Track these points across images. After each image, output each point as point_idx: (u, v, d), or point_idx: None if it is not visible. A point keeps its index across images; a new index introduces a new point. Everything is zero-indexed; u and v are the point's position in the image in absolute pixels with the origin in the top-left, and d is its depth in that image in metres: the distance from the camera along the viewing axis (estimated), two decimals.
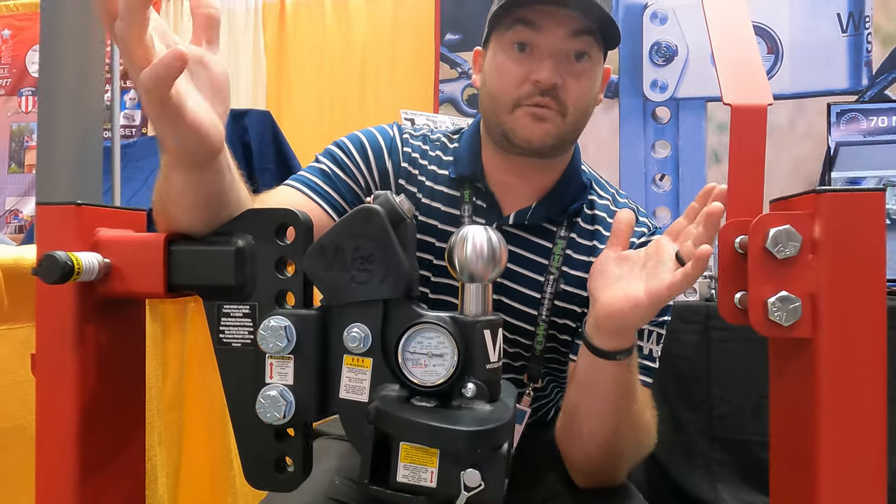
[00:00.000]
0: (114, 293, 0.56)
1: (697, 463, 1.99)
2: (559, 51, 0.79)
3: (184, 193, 0.53)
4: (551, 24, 0.78)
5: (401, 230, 0.53)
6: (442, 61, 2.72)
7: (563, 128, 0.80)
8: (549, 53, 0.78)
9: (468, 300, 0.52)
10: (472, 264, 0.51)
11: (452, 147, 0.90)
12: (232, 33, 3.14)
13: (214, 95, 0.50)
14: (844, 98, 2.32)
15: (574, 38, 0.78)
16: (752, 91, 0.55)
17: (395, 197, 0.53)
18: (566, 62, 0.79)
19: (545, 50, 0.78)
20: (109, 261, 0.56)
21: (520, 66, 0.79)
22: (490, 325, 0.51)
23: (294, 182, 0.84)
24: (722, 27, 0.56)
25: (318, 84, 2.94)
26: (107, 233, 0.57)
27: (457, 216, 0.86)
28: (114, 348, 0.59)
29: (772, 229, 0.45)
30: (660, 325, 0.86)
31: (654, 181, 2.49)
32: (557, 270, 0.85)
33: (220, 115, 0.51)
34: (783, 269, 0.45)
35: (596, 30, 0.79)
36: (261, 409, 0.53)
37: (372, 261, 0.52)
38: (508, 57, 0.80)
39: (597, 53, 0.81)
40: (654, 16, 2.51)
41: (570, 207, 0.86)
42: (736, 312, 0.55)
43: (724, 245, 0.55)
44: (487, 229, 0.53)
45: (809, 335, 0.45)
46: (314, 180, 0.84)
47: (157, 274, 0.55)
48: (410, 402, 0.50)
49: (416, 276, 0.54)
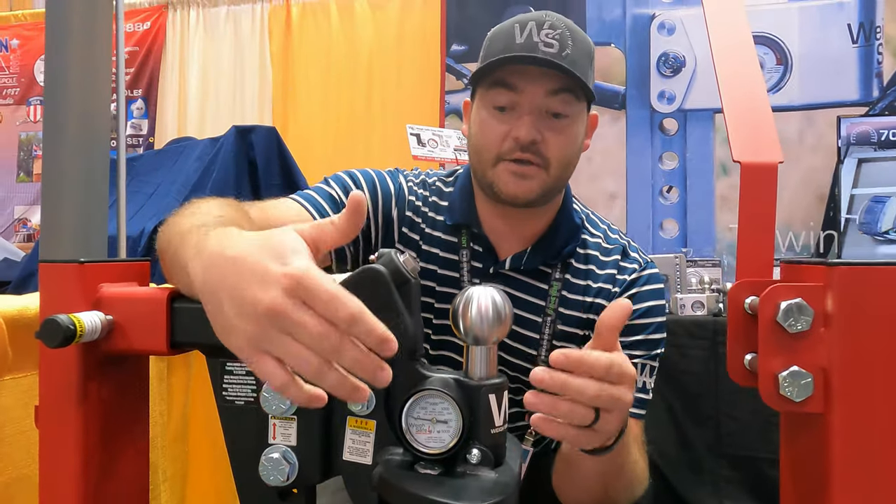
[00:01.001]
0: (116, 350, 0.56)
1: (705, 480, 1.97)
2: (538, 108, 0.80)
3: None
4: (529, 84, 0.79)
5: (405, 290, 0.52)
6: (448, 72, 2.71)
7: (547, 181, 0.82)
8: (528, 111, 0.80)
9: (473, 362, 0.51)
10: (478, 327, 0.51)
11: (448, 192, 0.91)
12: (238, 41, 3.15)
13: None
14: (854, 111, 2.30)
15: (552, 96, 0.80)
16: (762, 148, 0.54)
17: (398, 256, 0.53)
18: (545, 118, 0.80)
19: (524, 108, 0.80)
20: (112, 318, 0.56)
21: (501, 124, 0.81)
22: (495, 389, 0.51)
23: (301, 198, 0.84)
24: (732, 84, 0.55)
25: (323, 94, 2.94)
26: (110, 289, 0.57)
27: (455, 261, 0.87)
28: (117, 402, 0.59)
29: (783, 302, 0.44)
30: (653, 358, 0.86)
31: (662, 193, 2.48)
32: (554, 312, 0.86)
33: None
34: (794, 343, 0.45)
35: (574, 86, 0.80)
36: (264, 472, 0.52)
37: None
38: (490, 115, 0.82)
39: (578, 106, 0.82)
40: (662, 26, 2.50)
41: (563, 250, 0.87)
42: (745, 374, 0.54)
43: (734, 305, 0.54)
44: (491, 290, 0.52)
45: (821, 410, 0.44)
46: (321, 203, 0.84)
47: (160, 332, 0.55)
48: (414, 468, 0.49)
49: (421, 337, 0.54)
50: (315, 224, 0.47)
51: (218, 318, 0.45)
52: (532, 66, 0.78)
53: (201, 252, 0.48)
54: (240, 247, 0.45)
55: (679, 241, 2.44)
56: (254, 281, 0.43)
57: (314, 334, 0.41)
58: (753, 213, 0.54)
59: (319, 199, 0.84)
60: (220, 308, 0.45)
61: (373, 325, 0.42)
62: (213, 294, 0.45)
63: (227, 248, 0.46)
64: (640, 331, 0.84)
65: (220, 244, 0.47)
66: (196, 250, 0.49)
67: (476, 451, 0.49)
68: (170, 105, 3.24)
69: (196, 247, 0.49)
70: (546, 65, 0.77)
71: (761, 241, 0.53)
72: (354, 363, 0.42)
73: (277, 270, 0.42)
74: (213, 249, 0.47)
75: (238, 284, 0.43)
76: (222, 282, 0.44)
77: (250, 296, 0.42)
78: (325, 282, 0.42)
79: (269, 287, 0.42)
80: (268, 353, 0.43)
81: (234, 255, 0.44)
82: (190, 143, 2.20)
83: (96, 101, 1.40)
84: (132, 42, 3.24)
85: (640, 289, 0.86)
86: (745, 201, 0.54)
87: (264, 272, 0.42)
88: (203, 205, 0.62)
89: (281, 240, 0.44)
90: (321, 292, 0.41)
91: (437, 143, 2.04)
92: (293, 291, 0.42)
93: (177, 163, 2.14)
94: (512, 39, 0.79)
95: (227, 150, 1.82)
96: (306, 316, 0.41)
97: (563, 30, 0.79)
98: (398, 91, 2.81)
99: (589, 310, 0.86)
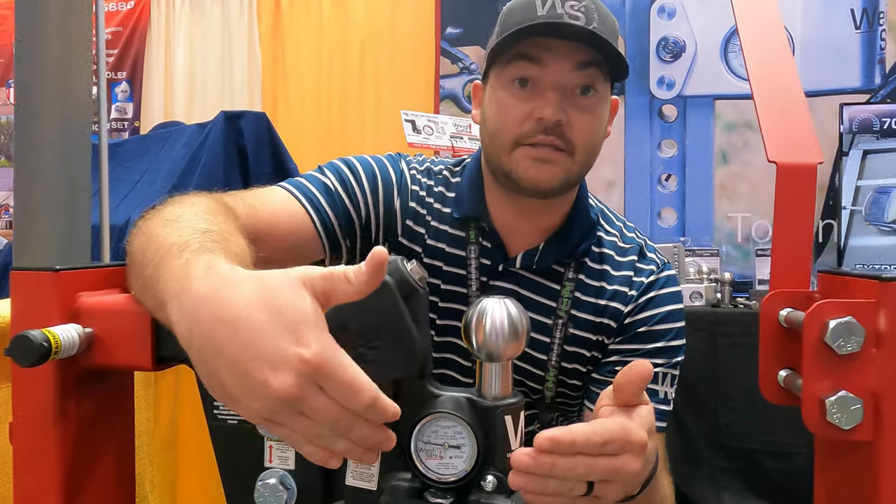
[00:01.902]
0: (96, 365, 0.51)
1: (702, 472, 1.96)
2: (563, 85, 0.73)
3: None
4: (554, 57, 0.72)
5: (412, 302, 0.48)
6: (443, 56, 2.64)
7: (572, 169, 0.75)
8: (552, 87, 0.72)
9: (486, 380, 0.48)
10: (492, 343, 0.47)
11: (455, 182, 0.84)
12: (226, 23, 3.06)
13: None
14: (855, 98, 2.26)
15: (579, 70, 0.72)
16: (800, 148, 0.50)
17: (405, 264, 0.48)
18: (571, 97, 0.73)
19: (548, 84, 0.72)
20: (92, 330, 0.51)
21: (521, 102, 0.74)
22: (512, 410, 0.47)
23: (291, 186, 0.77)
24: (765, 79, 0.50)
25: (315, 78, 2.86)
26: (89, 298, 0.52)
27: (462, 257, 0.82)
28: (98, 419, 0.54)
29: (831, 321, 0.40)
30: (674, 367, 0.82)
31: (660, 181, 2.44)
32: (566, 314, 0.80)
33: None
34: (843, 365, 0.41)
35: (602, 61, 0.73)
36: (259, 498, 0.48)
37: (381, 337, 0.47)
38: (509, 93, 0.74)
39: (603, 86, 0.75)
40: (662, 10, 2.44)
41: (578, 248, 0.81)
42: (779, 392, 0.50)
43: (767, 318, 0.50)
44: (507, 302, 0.48)
45: (870, 438, 0.41)
46: (314, 191, 0.78)
47: (145, 345, 0.50)
48: (424, 496, 0.46)
49: (430, 352, 0.49)
50: (328, 275, 0.42)
51: (213, 383, 0.41)
52: (557, 40, 0.71)
53: (184, 294, 0.42)
54: (238, 307, 0.40)
55: (677, 229, 2.41)
56: (262, 361, 0.38)
57: (328, 419, 0.39)
58: (790, 217, 0.50)
59: (312, 188, 0.78)
60: (216, 376, 0.40)
61: (386, 408, 0.40)
62: (206, 361, 0.40)
63: (220, 301, 0.40)
64: (660, 337, 0.80)
65: (210, 291, 0.41)
66: (177, 289, 0.43)
67: (491, 477, 0.46)
68: (156, 88, 3.15)
69: (178, 281, 0.43)
70: (574, 37, 0.70)
71: (798, 249, 0.49)
72: (363, 439, 0.41)
73: (292, 352, 0.38)
74: (200, 296, 0.41)
75: (240, 360, 0.39)
76: (219, 351, 0.40)
77: (259, 378, 0.38)
78: (344, 366, 0.39)
79: (282, 371, 0.38)
80: (275, 423, 0.41)
81: (234, 322, 0.39)
82: (177, 129, 2.12)
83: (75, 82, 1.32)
84: (115, 22, 3.14)
85: (658, 292, 0.82)
86: (780, 205, 0.50)
87: (277, 353, 0.38)
88: (185, 207, 0.56)
89: (290, 303, 0.40)
90: (340, 381, 0.39)
91: (433, 129, 1.99)
92: (310, 377, 0.38)
93: (163, 149, 2.07)
94: (532, 12, 0.71)
95: (216, 137, 1.75)
96: (321, 401, 0.39)
97: (587, 2, 0.71)
98: (392, 74, 2.74)
99: (603, 314, 0.81)
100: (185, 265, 0.45)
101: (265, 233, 0.69)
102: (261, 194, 0.75)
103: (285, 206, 0.75)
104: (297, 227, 0.75)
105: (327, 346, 0.39)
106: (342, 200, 0.79)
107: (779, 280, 0.50)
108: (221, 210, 0.59)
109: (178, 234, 0.50)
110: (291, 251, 0.75)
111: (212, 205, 0.59)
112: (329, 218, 0.77)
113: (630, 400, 0.50)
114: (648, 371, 0.49)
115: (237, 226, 0.58)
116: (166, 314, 0.44)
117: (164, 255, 0.48)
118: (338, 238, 0.79)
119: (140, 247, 0.52)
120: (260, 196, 0.74)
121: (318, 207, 0.77)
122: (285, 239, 0.73)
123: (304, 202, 0.76)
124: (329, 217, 0.77)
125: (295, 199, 0.76)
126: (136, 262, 0.52)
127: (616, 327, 0.81)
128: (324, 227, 0.77)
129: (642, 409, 0.50)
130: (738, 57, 2.39)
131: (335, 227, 0.78)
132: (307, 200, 0.77)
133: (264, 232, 0.69)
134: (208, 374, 0.41)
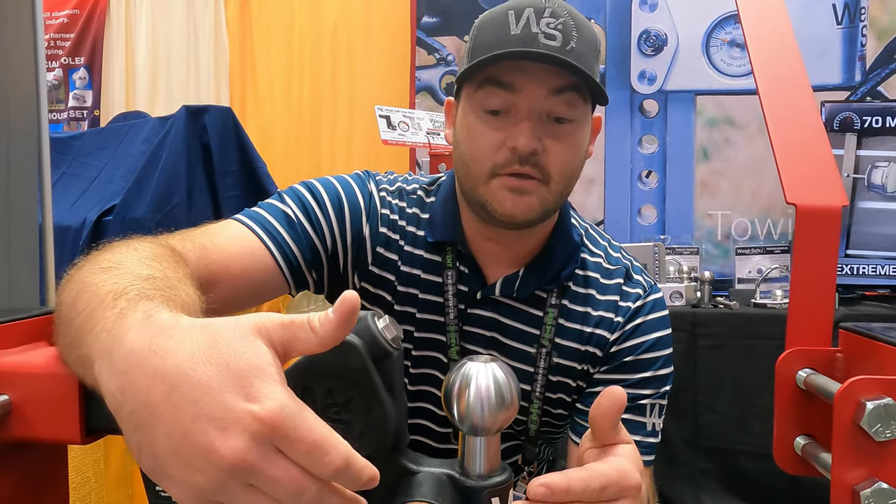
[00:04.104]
0: (13, 438, 0.44)
1: (681, 473, 1.96)
2: (538, 111, 0.67)
3: None
4: (528, 82, 0.66)
5: (385, 367, 0.41)
6: (418, 46, 2.55)
7: (548, 198, 0.69)
8: (527, 115, 0.67)
9: (470, 455, 0.42)
10: (476, 415, 0.41)
11: (429, 202, 0.78)
12: (190, 6, 2.91)
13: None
14: (837, 95, 2.24)
15: (555, 96, 0.67)
16: (821, 189, 0.45)
17: (376, 322, 0.42)
18: (546, 124, 0.68)
19: (522, 112, 0.67)
20: (9, 397, 0.44)
21: (494, 130, 0.68)
22: (500, 491, 0.41)
23: (247, 219, 0.70)
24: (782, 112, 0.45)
25: (285, 66, 2.75)
26: (7, 360, 0.44)
27: (439, 284, 0.76)
28: (20, 498, 0.47)
29: (868, 403, 0.35)
30: (662, 397, 0.78)
31: (640, 178, 2.40)
32: (550, 343, 0.75)
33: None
34: (881, 452, 0.36)
35: (580, 83, 0.67)
36: None
37: (350, 409, 0.41)
38: (481, 120, 0.69)
39: (583, 109, 0.70)
40: (644, 2, 2.38)
41: (560, 274, 0.76)
42: (796, 461, 0.45)
43: (783, 380, 0.45)
44: (493, 367, 0.42)
45: None
46: (273, 224, 0.70)
47: (71, 416, 0.43)
48: None
49: (405, 422, 0.43)
50: (287, 323, 0.35)
51: (145, 453, 0.34)
52: (526, 62, 0.65)
53: (116, 348, 0.35)
54: (177, 360, 0.33)
55: (657, 227, 2.38)
56: (206, 422, 0.31)
57: (290, 490, 0.32)
58: (809, 266, 0.44)
59: (272, 219, 0.71)
60: (150, 444, 0.33)
61: (361, 471, 0.33)
62: (138, 426, 0.33)
63: (157, 353, 0.33)
64: (648, 367, 0.76)
65: (146, 343, 0.34)
66: (108, 342, 0.36)
67: None
68: (116, 74, 2.99)
69: (109, 333, 0.36)
70: (549, 61, 0.64)
71: (818, 302, 0.44)
72: None
73: (243, 409, 0.31)
74: (134, 350, 0.34)
75: (180, 422, 0.32)
76: (154, 413, 0.33)
77: (202, 442, 0.31)
78: (308, 423, 0.32)
79: (232, 432, 0.31)
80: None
81: (172, 377, 0.32)
82: (137, 123, 2.01)
83: (16, 69, 1.19)
84: (73, 4, 2.96)
85: (645, 318, 0.77)
86: (799, 251, 0.45)
87: (224, 411, 0.31)
88: (126, 252, 0.49)
89: (239, 354, 0.33)
90: (304, 439, 0.32)
91: (409, 125, 1.91)
92: (265, 438, 0.31)
93: (122, 144, 1.96)
94: (506, 30, 0.66)
95: (178, 134, 1.65)
96: (280, 468, 0.32)
97: (565, 18, 0.66)
98: (366, 65, 2.63)
99: (588, 342, 0.76)
100: (119, 315, 0.38)
101: (220, 274, 0.62)
102: (213, 231, 0.67)
103: (241, 243, 0.67)
104: (256, 265, 0.68)
105: (285, 401, 0.32)
106: (305, 231, 0.72)
107: (796, 336, 0.45)
108: (168, 255, 0.52)
109: (114, 281, 0.43)
110: (251, 291, 0.68)
111: (156, 250, 0.51)
112: (292, 252, 0.70)
113: (608, 433, 0.44)
114: (621, 397, 0.43)
115: (186, 273, 0.50)
116: (93, 374, 0.37)
117: (96, 306, 0.41)
118: (303, 272, 0.72)
119: (70, 297, 0.45)
120: (212, 233, 0.66)
121: (279, 241, 0.70)
122: (241, 278, 0.66)
123: (262, 236, 0.69)
124: (292, 251, 0.70)
125: (252, 233, 0.69)
126: (63, 314, 0.45)
127: (602, 356, 0.76)
128: (286, 262, 0.70)
129: (626, 448, 0.44)
130: (720, 51, 2.35)
131: (299, 261, 0.71)
132: (266, 234, 0.69)
133: (218, 273, 0.62)
134: (139, 442, 0.34)
